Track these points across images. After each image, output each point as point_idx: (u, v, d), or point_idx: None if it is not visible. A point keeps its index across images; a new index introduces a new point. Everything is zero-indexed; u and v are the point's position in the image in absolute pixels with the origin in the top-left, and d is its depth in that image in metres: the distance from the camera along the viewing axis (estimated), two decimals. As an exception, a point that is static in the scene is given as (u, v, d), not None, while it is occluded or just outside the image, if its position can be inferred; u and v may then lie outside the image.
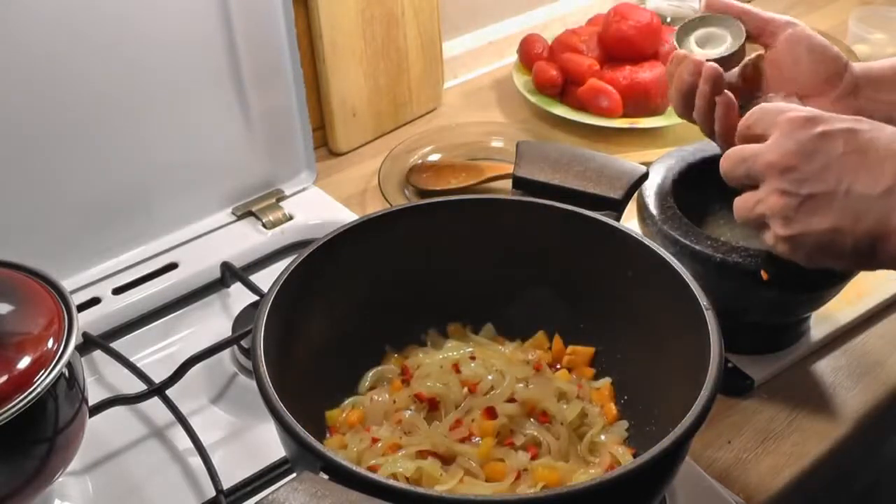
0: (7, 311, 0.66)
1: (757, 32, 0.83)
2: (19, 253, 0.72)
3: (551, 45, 1.30)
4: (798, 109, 0.70)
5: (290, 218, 1.04)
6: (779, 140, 0.69)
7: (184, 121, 0.96)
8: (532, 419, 0.71)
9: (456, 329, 0.80)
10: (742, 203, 0.72)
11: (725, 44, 0.83)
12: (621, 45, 1.25)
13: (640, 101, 1.21)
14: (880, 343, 0.91)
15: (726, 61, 0.82)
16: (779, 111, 0.70)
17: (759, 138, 0.71)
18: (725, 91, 0.79)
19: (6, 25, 0.81)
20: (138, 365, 0.85)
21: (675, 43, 0.84)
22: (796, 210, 0.67)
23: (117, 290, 0.94)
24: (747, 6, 0.84)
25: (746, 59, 0.84)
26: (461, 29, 1.38)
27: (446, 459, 0.68)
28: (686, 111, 0.83)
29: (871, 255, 0.67)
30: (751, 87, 0.84)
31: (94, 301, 0.93)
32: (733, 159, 0.72)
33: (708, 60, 0.80)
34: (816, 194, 0.67)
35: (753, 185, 0.71)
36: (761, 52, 0.83)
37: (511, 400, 0.71)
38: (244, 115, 1.00)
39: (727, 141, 0.79)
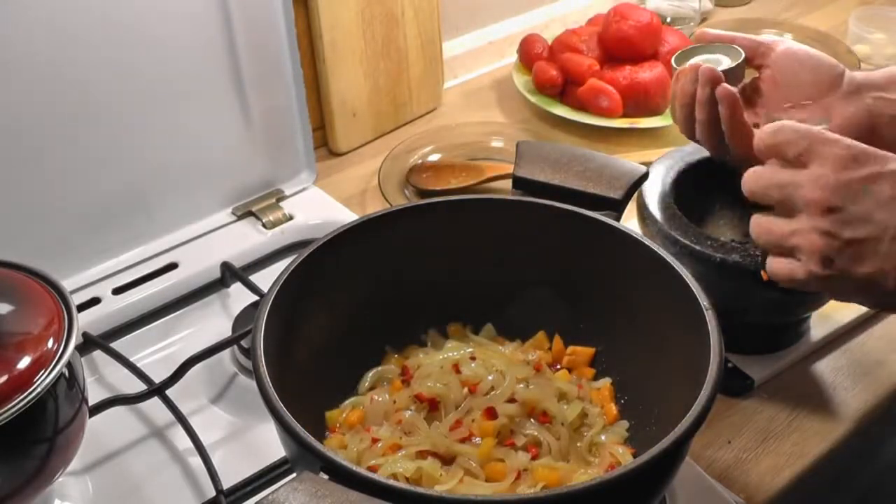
0: (7, 311, 0.66)
1: (750, 55, 0.83)
2: (19, 253, 0.72)
3: (551, 45, 1.30)
4: (841, 143, 0.64)
5: (290, 218, 1.04)
6: (822, 175, 0.63)
7: (184, 121, 0.96)
8: (532, 419, 0.71)
9: (456, 329, 0.80)
10: (771, 227, 0.67)
11: (723, 64, 0.83)
12: (621, 45, 1.25)
13: (640, 101, 1.21)
14: (880, 343, 0.91)
15: (727, 78, 0.81)
16: (822, 140, 0.64)
17: (792, 162, 0.65)
18: (724, 84, 0.77)
19: (7, 28, 0.81)
20: (138, 365, 0.85)
21: (675, 66, 0.84)
22: (838, 253, 0.63)
23: (117, 290, 0.94)
24: (737, 33, 0.85)
25: (744, 82, 0.84)
26: (461, 29, 1.38)
27: (446, 459, 0.68)
28: (691, 127, 0.81)
29: None
30: (752, 109, 0.84)
31: (94, 301, 0.93)
32: (765, 182, 0.66)
33: None
34: (861, 239, 0.62)
35: (785, 211, 0.66)
36: (756, 74, 0.84)
37: (511, 400, 0.71)
38: (244, 115, 1.00)
39: (737, 143, 0.78)
